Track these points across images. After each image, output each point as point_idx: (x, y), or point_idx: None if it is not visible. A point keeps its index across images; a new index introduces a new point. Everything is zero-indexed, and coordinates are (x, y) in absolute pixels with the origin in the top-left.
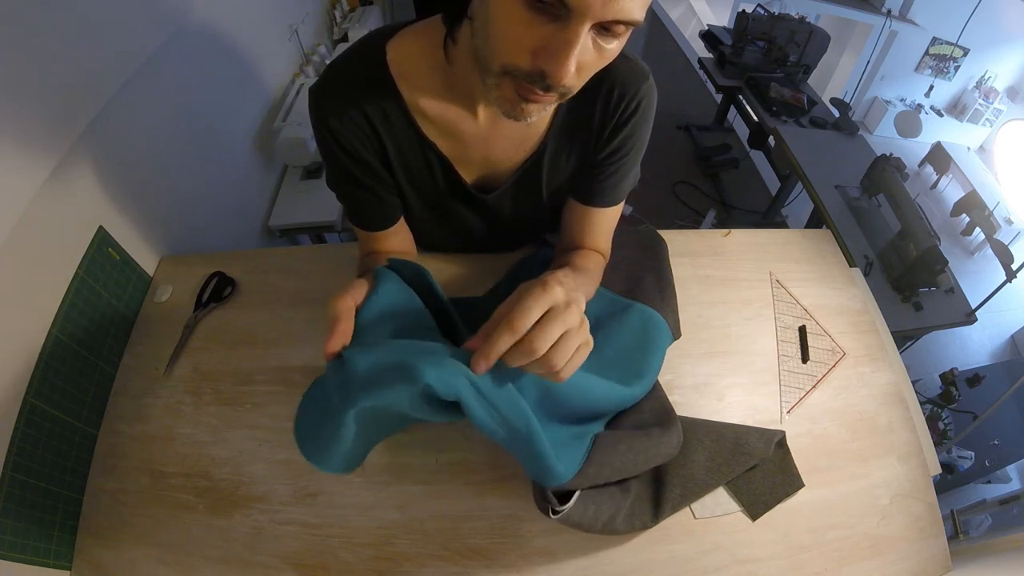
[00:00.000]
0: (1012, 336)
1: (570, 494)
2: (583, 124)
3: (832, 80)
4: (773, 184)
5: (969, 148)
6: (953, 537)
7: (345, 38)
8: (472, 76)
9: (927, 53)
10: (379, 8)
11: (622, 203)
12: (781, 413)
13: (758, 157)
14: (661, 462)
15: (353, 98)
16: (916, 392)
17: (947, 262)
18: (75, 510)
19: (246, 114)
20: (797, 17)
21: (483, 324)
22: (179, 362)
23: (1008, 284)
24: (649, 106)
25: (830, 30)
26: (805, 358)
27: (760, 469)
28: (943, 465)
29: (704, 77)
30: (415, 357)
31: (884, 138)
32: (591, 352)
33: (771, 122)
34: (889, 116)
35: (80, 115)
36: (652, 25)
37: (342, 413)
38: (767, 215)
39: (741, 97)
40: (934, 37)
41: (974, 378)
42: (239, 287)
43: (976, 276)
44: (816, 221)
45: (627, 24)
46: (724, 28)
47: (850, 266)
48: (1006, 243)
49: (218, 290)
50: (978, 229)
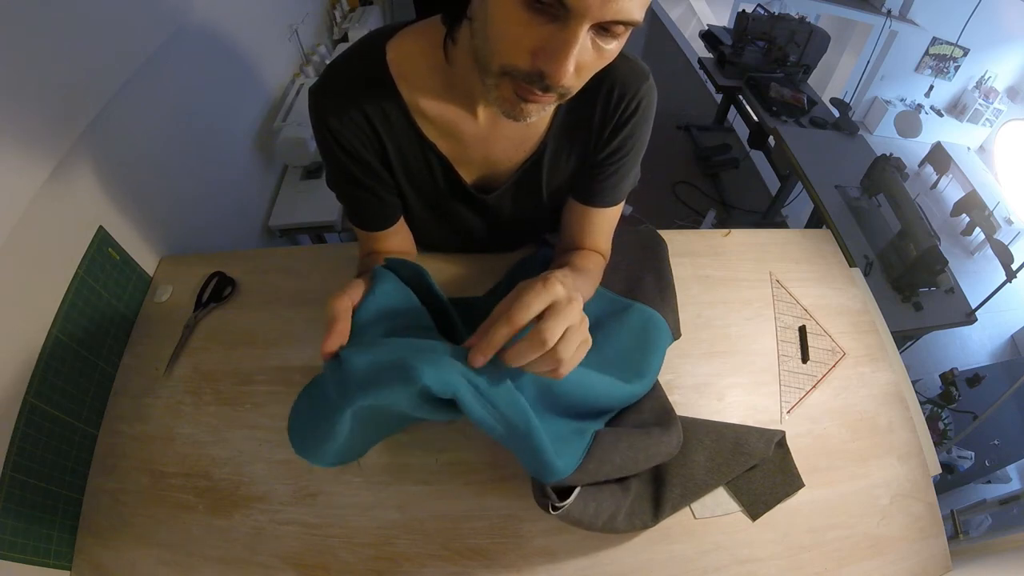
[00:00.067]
0: (1012, 336)
1: (570, 491)
2: (583, 124)
3: (832, 80)
4: (773, 184)
5: (969, 148)
6: (953, 537)
7: (345, 38)
8: (472, 76)
9: (927, 53)
10: (379, 8)
11: (622, 203)
12: (781, 413)
13: (758, 157)
14: (661, 461)
15: (353, 98)
16: (916, 392)
17: (947, 262)
18: (75, 510)
19: (246, 114)
20: (797, 17)
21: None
22: (179, 362)
23: (1008, 284)
24: (649, 106)
25: (830, 30)
26: (805, 358)
27: (760, 469)
28: (943, 465)
29: (704, 77)
30: (412, 356)
31: (884, 138)
32: (591, 351)
33: (771, 122)
34: (889, 116)
35: (80, 115)
36: (652, 25)
37: (339, 411)
38: (767, 215)
39: (741, 97)
40: (934, 37)
41: (974, 378)
42: (239, 287)
43: (976, 276)
44: (816, 221)
45: (626, 24)
46: (724, 28)
47: (850, 266)
48: (1006, 243)
49: (218, 290)
50: (978, 229)
